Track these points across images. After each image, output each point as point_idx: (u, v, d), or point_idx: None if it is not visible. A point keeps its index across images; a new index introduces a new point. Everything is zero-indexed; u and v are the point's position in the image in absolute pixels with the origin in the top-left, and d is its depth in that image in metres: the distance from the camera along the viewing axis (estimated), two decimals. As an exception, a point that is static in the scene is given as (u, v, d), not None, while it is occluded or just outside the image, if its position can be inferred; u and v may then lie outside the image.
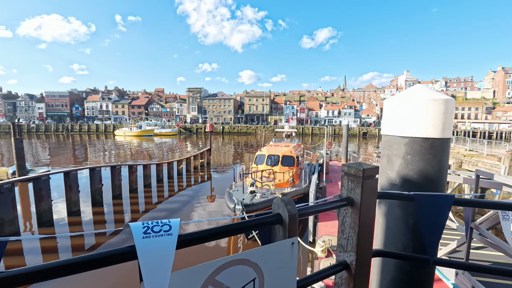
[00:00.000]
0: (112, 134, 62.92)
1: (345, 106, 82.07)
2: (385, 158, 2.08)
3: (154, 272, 0.70)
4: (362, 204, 1.26)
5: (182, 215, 10.50)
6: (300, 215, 1.11)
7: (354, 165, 1.32)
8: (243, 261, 0.93)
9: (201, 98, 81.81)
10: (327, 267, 1.36)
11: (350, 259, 1.33)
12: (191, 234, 0.85)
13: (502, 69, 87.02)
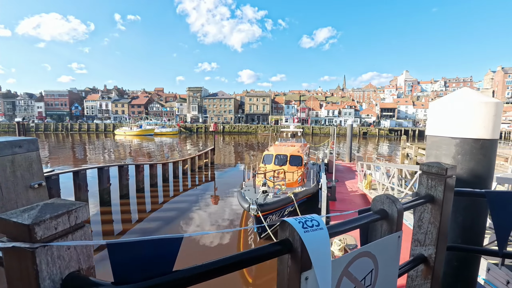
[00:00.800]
0: (112, 134, 62.74)
1: (345, 106, 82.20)
2: (432, 158, 2.11)
3: (320, 261, 0.75)
4: (444, 200, 1.29)
5: (188, 215, 10.48)
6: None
7: (435, 164, 1.34)
8: (367, 253, 1.02)
9: (202, 98, 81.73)
10: (407, 261, 1.39)
11: (428, 253, 1.37)
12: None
13: (502, 69, 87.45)
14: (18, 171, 0.96)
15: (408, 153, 19.90)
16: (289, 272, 0.77)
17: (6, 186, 0.92)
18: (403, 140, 21.36)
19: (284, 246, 0.78)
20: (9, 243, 0.52)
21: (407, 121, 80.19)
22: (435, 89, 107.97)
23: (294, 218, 0.80)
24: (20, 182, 0.95)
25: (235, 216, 10.43)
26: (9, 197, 0.93)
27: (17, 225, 0.53)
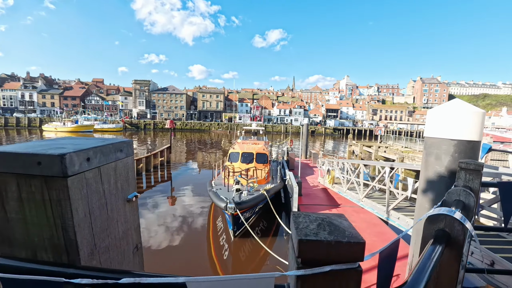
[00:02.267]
0: (38, 129, 53.56)
1: (295, 106, 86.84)
2: (433, 156, 2.43)
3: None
4: (479, 191, 1.53)
5: (144, 221, 9.68)
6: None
7: (472, 162, 1.56)
8: None
9: (150, 92, 75.95)
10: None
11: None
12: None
13: (420, 79, 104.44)
14: (119, 181, 0.78)
15: (354, 150, 22.25)
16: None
17: (110, 201, 0.75)
18: (350, 138, 23.73)
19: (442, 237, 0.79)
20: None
21: (348, 121, 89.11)
22: (370, 93, 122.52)
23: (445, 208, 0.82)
24: (120, 195, 0.78)
25: (195, 217, 10.07)
26: (112, 216, 0.76)
27: None
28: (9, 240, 0.69)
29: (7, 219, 0.68)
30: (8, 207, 0.68)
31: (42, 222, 0.67)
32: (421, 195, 2.59)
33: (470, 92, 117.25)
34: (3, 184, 0.67)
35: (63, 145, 0.73)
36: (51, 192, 0.65)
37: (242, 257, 7.54)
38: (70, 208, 0.64)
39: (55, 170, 0.63)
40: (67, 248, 0.67)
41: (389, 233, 6.76)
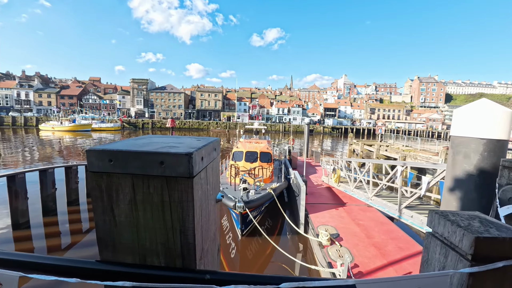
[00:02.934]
0: (35, 129, 53.02)
1: (294, 105, 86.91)
2: (461, 155, 2.45)
3: None
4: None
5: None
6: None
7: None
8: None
9: (148, 91, 75.48)
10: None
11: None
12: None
13: (418, 78, 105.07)
14: (213, 181, 0.77)
15: (355, 149, 22.32)
16: None
17: (209, 202, 0.74)
18: (350, 137, 23.82)
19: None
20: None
21: (346, 120, 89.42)
22: (368, 92, 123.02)
23: None
24: (213, 195, 0.77)
25: None
26: (209, 217, 0.75)
27: None
28: (114, 245, 0.66)
29: (115, 223, 0.65)
30: (117, 210, 0.65)
31: (157, 226, 0.64)
32: (447, 193, 2.61)
33: (466, 91, 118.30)
34: (115, 185, 0.63)
35: (169, 143, 0.70)
36: (172, 194, 0.62)
37: (249, 255, 7.56)
38: (193, 210, 0.62)
39: (180, 170, 0.60)
40: (183, 252, 0.65)
41: (397, 231, 6.81)
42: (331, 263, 5.15)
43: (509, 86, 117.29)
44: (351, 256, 5.32)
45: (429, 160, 13.42)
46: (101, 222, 0.66)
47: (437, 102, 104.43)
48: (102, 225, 0.66)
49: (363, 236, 6.34)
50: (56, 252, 7.38)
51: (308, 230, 7.73)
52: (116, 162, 0.62)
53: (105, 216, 0.65)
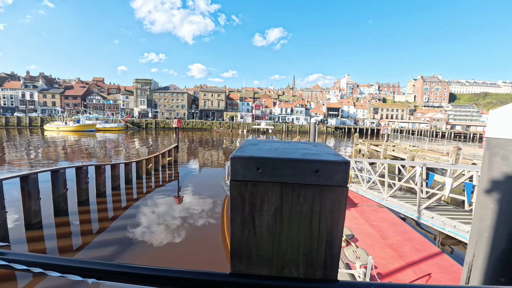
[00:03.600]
0: (40, 129, 53.42)
1: (297, 105, 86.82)
2: (499, 157, 2.41)
3: None
4: None
5: (153, 219, 9.59)
6: None
7: None
8: None
9: (151, 91, 75.75)
10: None
11: None
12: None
13: (421, 78, 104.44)
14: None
15: (361, 149, 22.22)
16: None
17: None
18: (356, 137, 23.71)
19: None
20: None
21: (349, 120, 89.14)
22: (371, 92, 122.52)
23: None
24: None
25: (208, 215, 10.02)
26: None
27: None
28: (249, 257, 0.63)
29: (254, 234, 0.62)
30: (259, 221, 0.62)
31: (302, 236, 0.61)
32: (483, 195, 2.56)
33: (470, 90, 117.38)
34: (261, 195, 0.60)
35: (305, 148, 0.68)
36: (324, 203, 0.59)
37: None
38: (343, 220, 0.60)
39: (336, 179, 0.57)
40: (325, 263, 0.62)
41: (411, 232, 6.74)
42: (349, 265, 5.10)
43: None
44: (368, 257, 5.26)
45: (438, 160, 13.31)
46: (238, 233, 0.62)
47: (440, 101, 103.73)
48: (240, 236, 0.62)
49: (378, 237, 6.29)
50: (68, 253, 7.39)
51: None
52: (264, 170, 0.59)
53: (244, 226, 0.61)
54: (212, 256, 7.29)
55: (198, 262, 6.87)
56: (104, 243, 7.71)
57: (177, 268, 0.66)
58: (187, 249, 7.55)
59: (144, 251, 7.22)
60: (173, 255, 7.10)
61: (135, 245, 7.51)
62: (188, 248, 7.58)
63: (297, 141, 3.91)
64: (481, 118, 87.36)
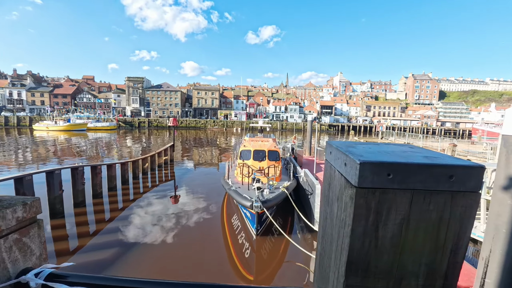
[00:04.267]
0: (28, 129, 51.99)
1: (291, 103, 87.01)
2: (518, 154, 2.45)
3: None
4: None
5: (151, 220, 9.42)
6: None
7: None
8: None
9: (144, 89, 74.58)
10: None
11: None
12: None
13: (412, 76, 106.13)
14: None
15: (356, 146, 22.37)
16: None
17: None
18: (351, 134, 23.96)
19: None
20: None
21: (343, 118, 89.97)
22: (363, 89, 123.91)
23: None
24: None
25: (206, 216, 9.92)
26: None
27: None
28: (367, 269, 0.58)
29: (375, 245, 0.57)
30: (383, 231, 0.57)
31: (427, 245, 0.57)
32: (500, 192, 2.58)
33: (459, 88, 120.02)
34: (389, 203, 0.55)
35: (421, 152, 0.62)
36: (454, 210, 0.56)
37: (264, 254, 7.51)
38: (471, 227, 0.55)
39: (470, 184, 0.54)
40: (447, 273, 0.58)
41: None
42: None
43: (501, 83, 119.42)
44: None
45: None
46: (358, 244, 0.57)
47: (431, 99, 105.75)
48: (359, 248, 0.57)
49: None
50: (64, 256, 7.18)
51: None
52: (395, 177, 0.54)
53: (365, 238, 0.57)
54: (215, 256, 7.22)
55: (200, 263, 6.79)
56: (102, 245, 7.52)
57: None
58: (189, 250, 7.45)
59: (144, 253, 7.08)
60: (175, 257, 7.00)
61: (133, 247, 7.36)
62: (190, 249, 7.49)
63: (295, 139, 3.83)
64: (470, 115, 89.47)
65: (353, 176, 0.56)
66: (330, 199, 0.66)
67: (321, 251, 0.73)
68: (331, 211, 0.64)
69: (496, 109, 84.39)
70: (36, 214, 1.06)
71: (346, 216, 0.58)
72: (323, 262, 0.70)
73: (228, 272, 6.53)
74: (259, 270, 6.74)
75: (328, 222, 0.66)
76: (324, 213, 0.70)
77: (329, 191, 0.67)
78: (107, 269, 6.26)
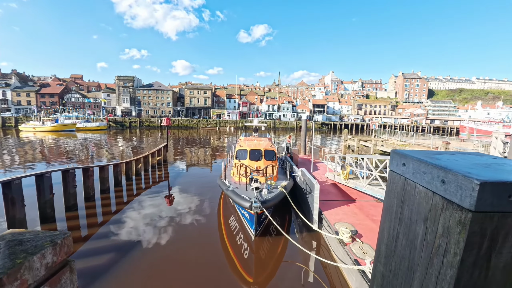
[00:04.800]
0: (14, 129, 50.27)
1: (283, 101, 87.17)
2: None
3: None
4: None
5: (145, 222, 9.19)
6: None
7: None
8: None
9: (134, 88, 73.21)
10: None
11: None
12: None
13: (402, 75, 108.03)
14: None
15: (350, 145, 22.63)
16: None
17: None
18: (345, 133, 24.13)
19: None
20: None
21: (335, 116, 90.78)
22: (355, 88, 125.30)
23: None
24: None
25: (202, 217, 9.76)
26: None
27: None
28: None
29: (485, 276, 0.49)
30: (495, 260, 0.48)
31: None
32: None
33: (447, 87, 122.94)
34: (507, 228, 0.47)
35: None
36: None
37: (263, 255, 7.44)
38: None
39: None
40: None
41: (411, 226, 6.90)
42: (358, 261, 5.11)
43: (487, 82, 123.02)
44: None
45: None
46: (466, 276, 0.49)
47: (420, 97, 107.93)
48: (467, 280, 0.49)
49: (381, 232, 6.38)
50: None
51: (322, 227, 7.70)
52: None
53: (475, 268, 0.48)
54: (213, 258, 7.09)
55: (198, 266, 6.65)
56: (95, 250, 7.25)
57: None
58: (186, 252, 7.29)
59: (139, 258, 6.86)
60: (172, 260, 6.82)
61: (128, 251, 7.13)
62: (187, 252, 7.32)
63: (290, 138, 3.71)
64: (457, 113, 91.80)
65: (464, 198, 0.48)
66: (406, 217, 0.57)
67: (386, 272, 0.63)
68: (410, 231, 0.55)
69: (482, 107, 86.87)
70: (68, 254, 0.87)
71: (447, 243, 0.49)
72: (391, 284, 0.61)
73: (227, 273, 6.42)
74: (258, 270, 6.66)
75: (402, 242, 0.57)
76: (392, 231, 0.61)
77: (402, 207, 0.58)
78: (101, 276, 6.04)
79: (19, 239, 0.78)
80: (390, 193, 0.62)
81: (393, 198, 0.63)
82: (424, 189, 0.52)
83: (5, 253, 0.67)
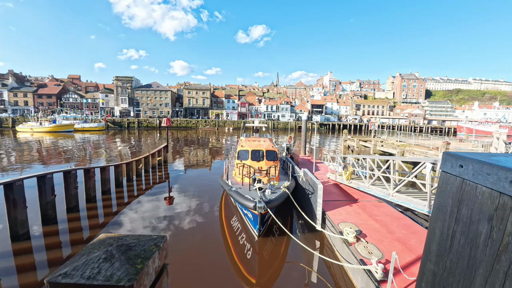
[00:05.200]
0: (11, 130, 49.88)
1: (282, 102, 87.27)
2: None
3: None
4: None
5: (146, 223, 9.19)
6: None
7: None
8: None
9: (133, 89, 72.92)
10: None
11: None
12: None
13: (399, 75, 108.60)
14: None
15: (350, 145, 22.69)
16: None
17: None
18: (345, 133, 24.18)
19: None
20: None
21: (333, 116, 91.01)
22: (353, 89, 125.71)
23: None
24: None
25: (204, 217, 9.75)
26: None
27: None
28: None
29: None
30: None
31: None
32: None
33: (444, 87, 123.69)
34: None
35: None
36: None
37: (266, 255, 7.45)
38: None
39: None
40: None
41: (414, 225, 6.95)
42: (364, 260, 5.14)
43: (483, 82, 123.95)
44: (380, 253, 5.34)
45: (426, 154, 13.88)
46: None
47: (417, 98, 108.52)
48: None
49: (385, 232, 6.41)
50: (58, 265, 6.85)
51: (325, 227, 7.72)
52: None
53: None
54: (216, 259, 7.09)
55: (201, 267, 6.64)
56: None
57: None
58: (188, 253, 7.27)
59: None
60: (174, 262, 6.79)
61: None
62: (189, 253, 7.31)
63: (290, 139, 3.75)
64: (454, 113, 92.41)
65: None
66: (465, 217, 0.58)
67: (438, 270, 0.64)
68: (470, 230, 0.56)
69: (479, 107, 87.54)
70: (165, 258, 0.85)
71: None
72: (446, 281, 0.62)
73: (230, 274, 6.42)
74: (261, 271, 6.66)
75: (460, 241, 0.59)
76: (447, 230, 0.62)
77: (459, 207, 0.59)
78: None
79: (126, 244, 0.77)
80: (443, 194, 0.63)
81: (447, 198, 0.64)
82: (489, 190, 0.53)
83: (122, 259, 0.66)
